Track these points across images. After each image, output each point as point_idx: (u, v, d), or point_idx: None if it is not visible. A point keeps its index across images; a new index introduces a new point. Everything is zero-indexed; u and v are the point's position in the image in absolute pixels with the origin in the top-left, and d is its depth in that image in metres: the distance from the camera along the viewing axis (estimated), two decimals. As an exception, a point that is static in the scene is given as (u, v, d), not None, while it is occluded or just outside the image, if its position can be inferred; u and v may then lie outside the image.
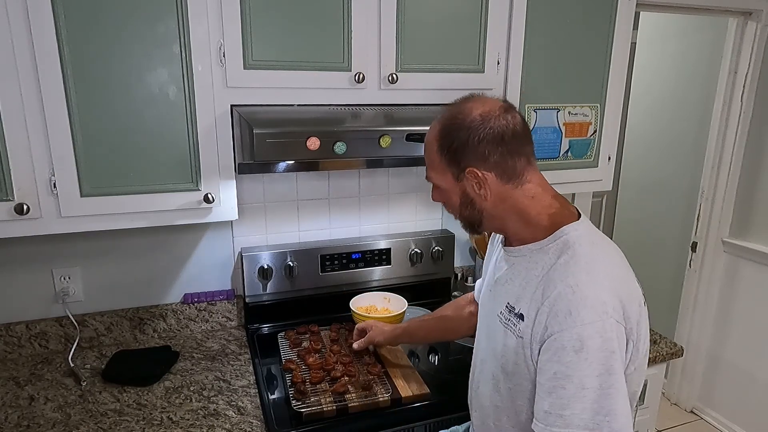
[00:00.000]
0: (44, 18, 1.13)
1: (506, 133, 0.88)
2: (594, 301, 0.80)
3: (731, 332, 2.60)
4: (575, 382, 0.78)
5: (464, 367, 1.48)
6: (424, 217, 1.96)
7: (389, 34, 1.41)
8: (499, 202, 0.92)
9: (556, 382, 0.80)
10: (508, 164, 0.89)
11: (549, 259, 0.88)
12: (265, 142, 1.22)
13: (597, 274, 0.83)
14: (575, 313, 0.80)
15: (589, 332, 0.78)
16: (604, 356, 0.78)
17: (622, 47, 1.70)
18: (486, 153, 0.88)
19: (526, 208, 0.92)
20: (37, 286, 1.56)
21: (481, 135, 0.88)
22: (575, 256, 0.85)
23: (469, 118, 0.89)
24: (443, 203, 1.01)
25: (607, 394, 0.78)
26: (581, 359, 0.78)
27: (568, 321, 0.80)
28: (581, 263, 0.84)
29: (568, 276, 0.83)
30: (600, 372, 0.78)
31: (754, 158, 2.43)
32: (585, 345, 0.78)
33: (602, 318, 0.79)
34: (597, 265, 0.84)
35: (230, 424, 1.24)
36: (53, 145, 1.20)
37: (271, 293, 1.72)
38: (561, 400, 0.79)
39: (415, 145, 1.35)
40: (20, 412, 1.29)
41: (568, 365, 0.79)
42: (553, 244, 0.89)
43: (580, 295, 0.81)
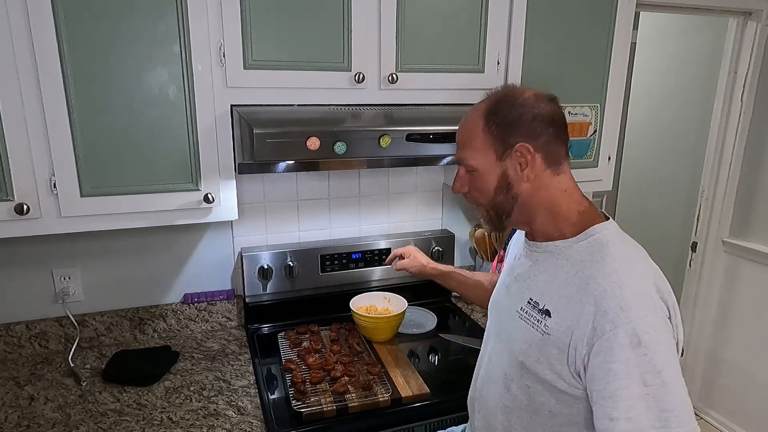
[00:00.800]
0: (44, 18, 1.13)
1: (555, 117, 0.89)
2: (644, 296, 0.79)
3: (731, 332, 2.60)
4: (637, 381, 0.75)
5: (464, 367, 1.48)
6: (424, 217, 1.96)
7: (389, 34, 1.41)
8: (536, 189, 0.91)
9: (617, 383, 0.76)
10: (552, 148, 0.89)
11: (580, 257, 0.87)
12: (265, 142, 1.22)
13: (639, 270, 0.83)
14: (627, 309, 0.78)
15: (644, 326, 0.76)
16: (662, 349, 0.76)
17: (622, 47, 1.70)
18: (538, 131, 0.88)
19: (557, 202, 0.91)
20: (37, 286, 1.56)
21: (535, 112, 0.88)
22: (612, 254, 0.84)
23: (522, 97, 0.90)
24: (468, 192, 0.97)
25: (670, 389, 0.75)
26: (640, 355, 0.75)
27: (621, 317, 0.77)
28: (620, 261, 0.83)
29: (611, 273, 0.82)
30: (660, 366, 0.75)
31: (754, 158, 2.43)
32: (642, 340, 0.76)
33: (653, 312, 0.78)
34: (636, 262, 0.84)
35: (230, 424, 1.24)
36: (53, 145, 1.20)
37: (271, 293, 1.72)
38: (624, 401, 0.76)
39: (415, 145, 1.35)
40: (20, 412, 1.29)
41: (626, 363, 0.76)
42: (584, 242, 0.88)
43: (628, 290, 0.79)
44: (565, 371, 0.85)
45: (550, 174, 0.90)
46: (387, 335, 1.59)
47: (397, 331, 1.62)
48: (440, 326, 1.73)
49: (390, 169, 1.85)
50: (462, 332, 1.70)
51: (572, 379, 0.85)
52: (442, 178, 1.95)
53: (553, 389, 0.88)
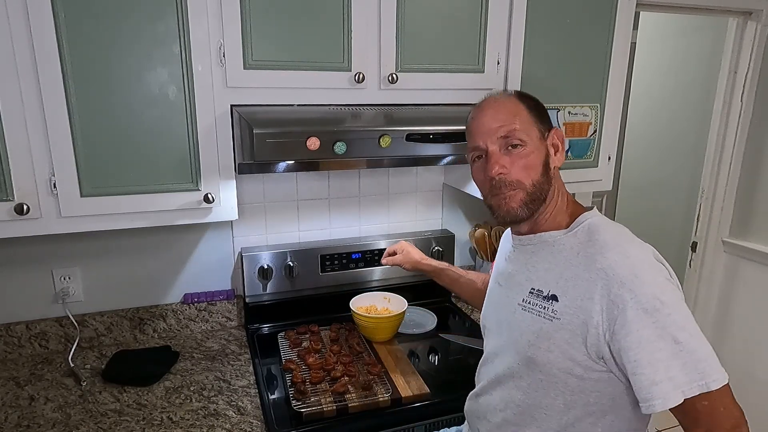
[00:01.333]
0: (44, 18, 1.13)
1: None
2: (650, 262, 0.83)
3: (731, 332, 2.60)
4: (668, 341, 0.78)
5: (464, 367, 1.48)
6: (424, 217, 1.96)
7: (389, 34, 1.41)
8: (556, 177, 0.97)
9: (651, 347, 0.78)
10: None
11: (578, 241, 0.90)
12: (265, 142, 1.22)
13: (636, 241, 0.87)
14: (641, 275, 0.81)
15: (662, 288, 0.80)
16: (681, 307, 0.80)
17: (622, 47, 1.70)
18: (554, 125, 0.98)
19: (563, 192, 0.98)
20: (37, 286, 1.56)
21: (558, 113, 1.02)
22: (608, 232, 0.89)
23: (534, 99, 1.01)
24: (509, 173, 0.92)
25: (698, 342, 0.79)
26: (665, 315, 0.78)
27: (637, 283, 0.80)
28: (617, 236, 0.88)
29: (614, 247, 0.85)
30: (683, 323, 0.79)
31: (754, 158, 2.43)
32: (663, 301, 0.79)
33: (663, 274, 0.83)
34: (630, 236, 0.89)
35: (230, 424, 1.24)
36: (53, 145, 1.20)
37: (271, 293, 1.72)
38: (663, 363, 0.78)
39: (415, 145, 1.35)
40: (20, 412, 1.29)
41: (654, 326, 0.78)
42: (578, 228, 0.92)
43: (636, 259, 0.83)
44: (581, 355, 0.85)
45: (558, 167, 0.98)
46: (387, 335, 1.59)
47: (397, 331, 1.62)
48: (440, 326, 1.73)
49: (390, 169, 1.85)
50: (462, 332, 1.70)
51: (590, 361, 0.85)
52: (442, 178, 1.95)
53: (569, 378, 0.87)
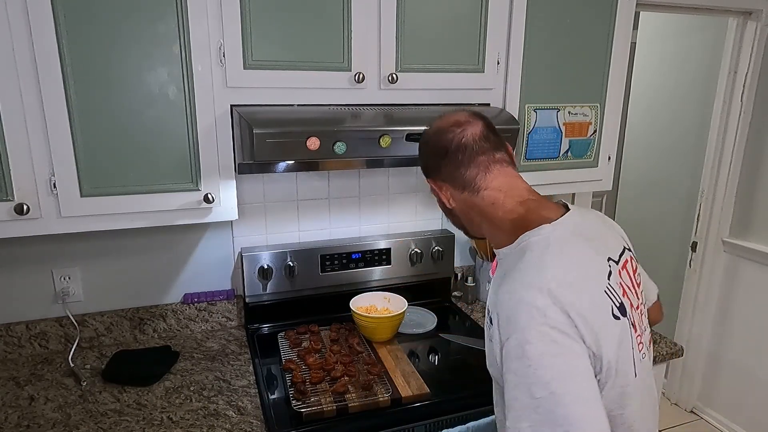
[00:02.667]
0: (44, 18, 1.13)
1: (449, 147, 0.95)
2: (528, 306, 0.77)
3: (731, 332, 2.60)
4: (525, 392, 0.75)
5: (464, 367, 1.48)
6: (424, 217, 1.96)
7: (389, 34, 1.41)
8: (466, 207, 0.97)
9: (510, 394, 0.77)
10: (455, 175, 0.95)
11: (509, 265, 0.88)
12: (265, 142, 1.22)
13: (534, 278, 0.80)
14: (513, 319, 0.78)
15: (526, 337, 0.75)
16: (549, 362, 0.74)
17: (622, 47, 1.70)
18: (436, 165, 0.98)
19: (489, 215, 0.95)
20: (37, 286, 1.56)
21: (430, 150, 0.99)
22: (524, 262, 0.84)
23: (427, 135, 1.01)
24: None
25: (560, 402, 0.72)
26: (525, 366, 0.75)
27: (509, 328, 0.78)
28: (524, 269, 0.83)
29: (511, 282, 0.82)
30: (548, 379, 0.73)
31: (754, 158, 2.43)
32: (525, 351, 0.75)
33: (539, 322, 0.76)
34: (538, 270, 0.81)
35: (230, 424, 1.24)
36: (53, 145, 1.20)
37: (271, 293, 1.72)
38: (517, 412, 0.76)
39: (415, 145, 1.34)
40: (20, 412, 1.29)
41: (516, 373, 0.76)
42: (516, 250, 0.88)
43: (515, 300, 0.79)
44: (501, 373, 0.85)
45: (468, 195, 0.95)
46: (387, 335, 1.59)
47: (397, 331, 1.62)
48: (440, 326, 1.73)
49: (390, 169, 1.85)
50: (462, 332, 1.70)
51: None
52: (442, 178, 1.94)
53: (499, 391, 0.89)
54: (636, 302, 0.91)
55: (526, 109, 1.64)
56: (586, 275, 0.83)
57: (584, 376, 0.76)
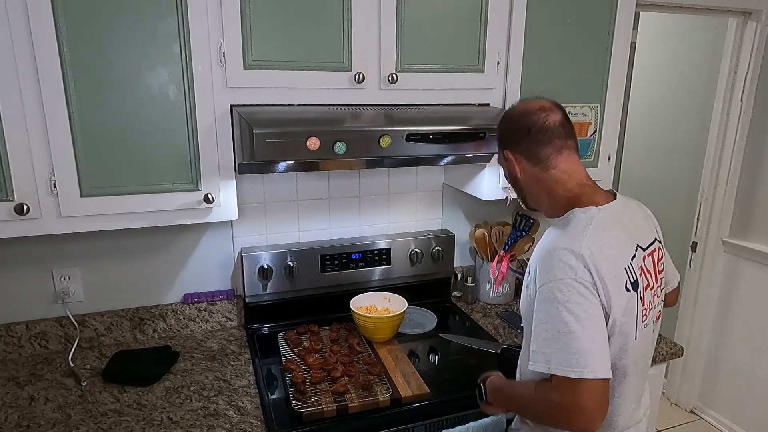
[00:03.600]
0: (44, 18, 1.13)
1: (533, 127, 1.09)
2: (564, 263, 0.97)
3: (731, 332, 2.60)
4: (550, 327, 0.96)
5: (464, 367, 1.48)
6: (424, 217, 1.96)
7: (389, 34, 1.41)
8: (532, 181, 1.12)
9: (538, 327, 0.98)
10: (533, 151, 1.09)
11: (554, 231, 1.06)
12: (265, 142, 1.22)
13: (573, 244, 0.99)
14: (550, 271, 0.98)
15: (559, 286, 0.96)
16: (572, 307, 0.94)
17: (622, 47, 1.70)
18: (517, 140, 1.11)
19: (551, 191, 1.10)
20: (37, 286, 1.56)
21: (514, 126, 1.12)
22: (567, 231, 1.03)
23: (511, 113, 1.15)
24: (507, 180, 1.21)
25: (575, 336, 0.93)
26: (553, 307, 0.96)
27: (546, 276, 0.98)
28: (567, 235, 1.02)
29: (553, 243, 1.01)
30: (568, 319, 0.94)
31: (754, 158, 2.43)
32: (555, 296, 0.96)
33: (570, 277, 0.96)
34: (577, 238, 1.00)
35: (230, 424, 1.24)
36: (53, 145, 1.20)
37: (271, 293, 1.72)
38: (542, 341, 0.97)
39: (415, 145, 1.35)
40: (20, 412, 1.29)
41: (546, 312, 0.97)
42: (562, 220, 1.07)
43: (555, 257, 0.98)
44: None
45: (539, 170, 1.10)
46: (387, 335, 1.59)
47: (397, 331, 1.62)
48: (440, 326, 1.73)
49: (390, 169, 1.85)
50: (462, 332, 1.70)
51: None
52: (442, 178, 1.95)
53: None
54: (652, 284, 1.09)
55: (526, 109, 1.63)
56: (613, 252, 1.00)
57: (597, 322, 0.96)
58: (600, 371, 0.92)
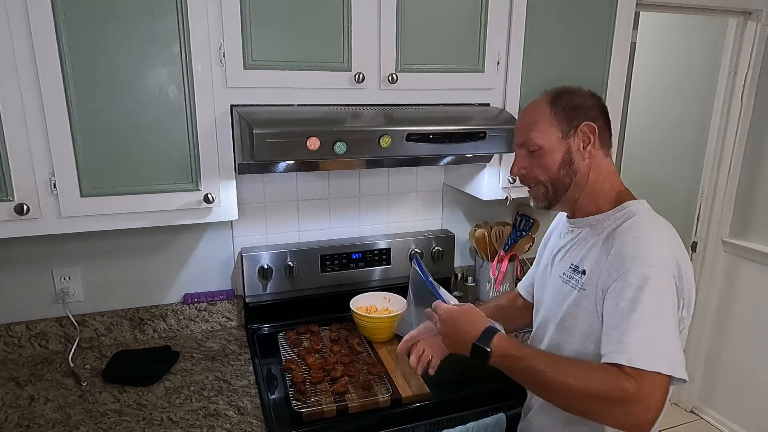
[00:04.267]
0: (44, 18, 1.13)
1: (605, 110, 1.08)
2: (658, 251, 0.93)
3: (731, 332, 2.60)
4: (636, 313, 0.88)
5: (464, 367, 1.48)
6: (424, 217, 1.96)
7: (389, 34, 1.41)
8: (591, 167, 1.05)
9: (620, 315, 0.90)
10: (606, 133, 1.07)
11: (614, 223, 1.01)
12: (265, 142, 1.22)
13: (659, 235, 0.96)
14: (639, 257, 0.92)
15: (654, 273, 0.90)
16: (664, 295, 0.90)
17: (622, 47, 1.70)
18: (596, 116, 1.05)
19: (603, 180, 1.06)
20: (37, 286, 1.56)
21: (593, 103, 1.07)
22: (639, 220, 0.99)
23: (582, 91, 1.09)
24: (528, 172, 1.09)
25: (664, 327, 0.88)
26: (644, 293, 0.89)
27: (634, 263, 0.91)
28: (645, 225, 0.98)
29: (632, 231, 0.96)
30: (659, 309, 0.89)
31: (754, 158, 2.43)
32: (649, 282, 0.89)
33: (665, 265, 0.91)
34: (659, 229, 0.97)
35: (230, 424, 1.24)
36: (53, 145, 1.20)
37: (271, 293, 1.72)
38: (622, 329, 0.89)
39: (415, 144, 1.35)
40: (20, 412, 1.29)
41: (632, 299, 0.89)
42: (619, 213, 1.03)
43: (644, 245, 0.93)
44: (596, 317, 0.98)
45: (602, 154, 1.07)
46: (387, 335, 1.59)
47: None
48: (440, 326, 1.73)
49: (390, 169, 1.85)
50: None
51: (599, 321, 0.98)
52: (442, 178, 1.95)
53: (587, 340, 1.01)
54: None
55: (526, 109, 1.63)
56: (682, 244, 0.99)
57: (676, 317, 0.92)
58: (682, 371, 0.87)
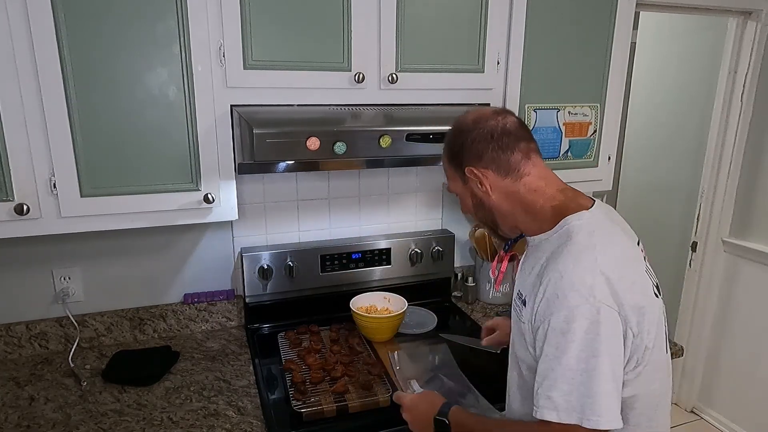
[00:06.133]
0: (44, 18, 1.13)
1: (495, 131, 0.95)
2: (579, 286, 0.83)
3: (731, 332, 2.60)
4: (562, 364, 0.82)
5: (464, 367, 1.48)
6: (424, 217, 1.96)
7: (389, 34, 1.41)
8: (504, 197, 0.97)
9: (547, 365, 0.84)
10: (501, 159, 0.95)
11: (551, 248, 0.91)
12: (265, 142, 1.22)
13: (585, 260, 0.86)
14: (562, 297, 0.83)
15: (575, 315, 0.82)
16: (590, 338, 0.81)
17: (622, 47, 1.70)
18: (479, 151, 0.96)
19: (530, 202, 0.96)
20: (37, 287, 1.56)
21: (473, 136, 0.96)
22: (570, 244, 0.88)
23: (464, 125, 0.99)
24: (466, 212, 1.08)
25: (591, 376, 0.81)
26: (568, 341, 0.82)
27: (557, 304, 0.84)
28: (574, 251, 0.87)
29: (558, 263, 0.87)
30: (586, 355, 0.81)
31: (754, 158, 2.43)
32: (571, 327, 0.82)
33: (589, 302, 0.82)
34: (589, 252, 0.86)
35: (230, 425, 1.24)
36: (53, 145, 1.20)
37: (271, 293, 1.72)
38: (549, 381, 0.84)
39: (415, 144, 1.35)
40: (20, 412, 1.29)
41: (557, 347, 0.83)
42: (556, 234, 0.93)
43: (567, 280, 0.84)
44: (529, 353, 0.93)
45: (510, 182, 0.96)
46: (387, 335, 1.59)
47: (397, 331, 1.62)
48: (440, 326, 1.73)
49: (390, 169, 1.85)
50: (462, 332, 1.70)
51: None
52: (442, 178, 1.94)
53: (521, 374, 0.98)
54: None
55: (526, 109, 1.64)
56: (629, 258, 0.90)
57: (617, 359, 0.83)
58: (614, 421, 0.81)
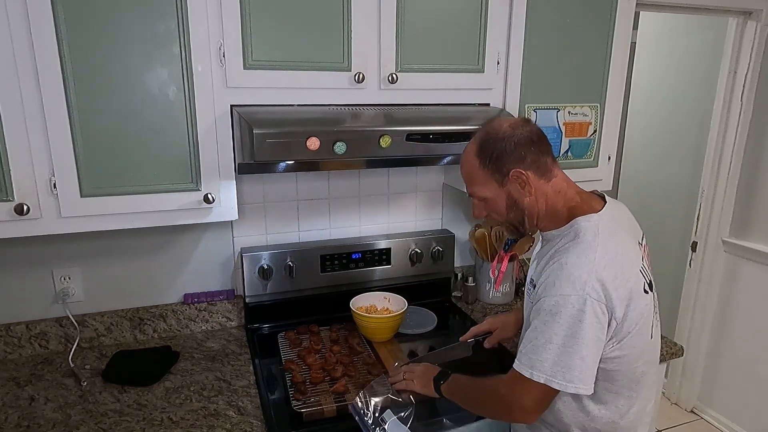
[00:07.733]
0: (44, 18, 1.13)
1: (533, 136, 1.06)
2: (575, 279, 0.97)
3: (731, 332, 2.60)
4: (546, 336, 0.98)
5: (464, 367, 1.48)
6: (424, 217, 1.96)
7: (389, 34, 1.41)
8: (537, 199, 1.08)
9: (533, 334, 1.01)
10: (540, 161, 1.06)
11: (560, 243, 1.06)
12: (265, 142, 1.22)
13: (585, 257, 0.99)
14: (557, 285, 0.98)
15: (564, 302, 0.97)
16: (573, 322, 0.96)
17: (622, 47, 1.70)
18: (523, 154, 1.05)
19: (554, 203, 1.08)
20: (37, 287, 1.56)
21: (516, 140, 1.05)
22: (577, 242, 1.02)
23: (501, 130, 1.07)
24: (487, 214, 1.15)
25: (567, 352, 0.97)
26: (554, 321, 0.97)
27: (551, 290, 0.99)
28: (578, 248, 1.01)
29: (563, 256, 1.01)
30: (566, 334, 0.97)
31: (754, 158, 2.43)
32: (559, 310, 0.97)
33: (579, 293, 0.96)
34: (591, 251, 0.99)
35: (230, 425, 1.24)
36: (53, 146, 1.20)
37: (271, 293, 1.72)
38: (533, 346, 1.00)
39: (415, 145, 1.35)
40: (20, 412, 1.29)
41: (544, 323, 0.99)
42: (568, 231, 1.06)
43: (566, 271, 0.98)
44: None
45: (544, 183, 1.07)
46: (387, 335, 1.59)
47: (397, 331, 1.62)
48: (440, 326, 1.73)
49: (390, 169, 1.85)
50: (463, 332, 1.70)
51: None
52: (442, 178, 1.95)
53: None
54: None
55: (526, 109, 1.64)
56: (626, 258, 1.01)
57: (596, 343, 0.98)
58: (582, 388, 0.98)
